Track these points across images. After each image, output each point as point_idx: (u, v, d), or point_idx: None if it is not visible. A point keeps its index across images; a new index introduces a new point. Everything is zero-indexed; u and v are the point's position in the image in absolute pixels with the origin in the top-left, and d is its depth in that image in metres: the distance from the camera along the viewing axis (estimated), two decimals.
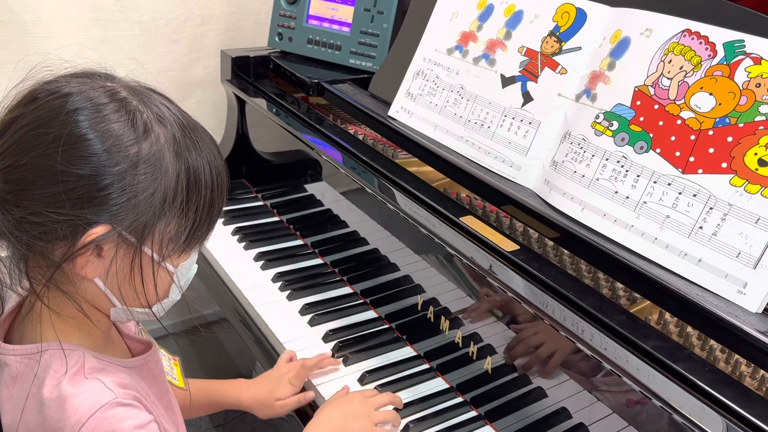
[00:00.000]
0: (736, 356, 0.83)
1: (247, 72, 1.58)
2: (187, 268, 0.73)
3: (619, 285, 0.96)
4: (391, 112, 1.28)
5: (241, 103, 1.58)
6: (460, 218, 1.03)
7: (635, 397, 0.81)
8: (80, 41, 1.56)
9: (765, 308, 0.79)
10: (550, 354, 0.91)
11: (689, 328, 0.88)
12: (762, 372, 0.81)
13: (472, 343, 1.04)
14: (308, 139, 1.32)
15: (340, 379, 1.09)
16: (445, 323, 1.09)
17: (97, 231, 0.63)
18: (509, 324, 0.97)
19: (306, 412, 1.06)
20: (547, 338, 0.92)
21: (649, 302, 0.92)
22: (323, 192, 1.41)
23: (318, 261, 1.38)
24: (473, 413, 1.04)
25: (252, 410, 1.04)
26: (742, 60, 0.81)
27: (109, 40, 1.60)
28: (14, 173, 0.63)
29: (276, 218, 1.52)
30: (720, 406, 0.72)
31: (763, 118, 0.79)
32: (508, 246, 0.97)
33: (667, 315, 0.90)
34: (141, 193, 0.64)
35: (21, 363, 0.68)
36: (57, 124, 0.62)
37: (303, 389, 1.07)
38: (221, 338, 1.44)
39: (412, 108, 1.25)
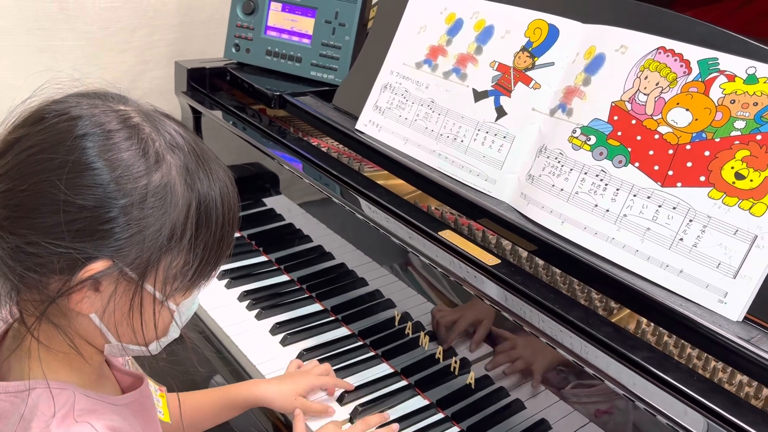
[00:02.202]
0: (713, 363, 0.86)
1: (202, 84, 1.53)
2: (188, 306, 0.69)
3: (595, 296, 0.97)
4: (359, 126, 1.27)
5: (197, 116, 1.53)
6: (439, 232, 1.03)
7: (620, 404, 0.83)
8: (21, 51, 1.48)
9: (745, 317, 0.82)
10: (537, 366, 0.92)
11: (666, 337, 0.90)
12: (739, 377, 0.84)
13: (454, 358, 1.03)
14: (277, 154, 1.29)
15: (318, 398, 1.06)
16: (424, 338, 1.08)
17: (97, 267, 0.59)
18: (492, 338, 0.98)
19: None
20: (532, 351, 0.92)
21: (626, 312, 0.94)
22: (283, 206, 1.39)
23: (284, 278, 1.35)
24: (456, 429, 1.03)
25: (271, 402, 1.01)
26: (716, 77, 0.84)
27: (52, 50, 1.52)
28: (13, 198, 0.58)
29: (236, 234, 1.48)
30: (711, 413, 0.74)
31: (739, 133, 0.82)
32: (489, 260, 0.97)
33: (644, 324, 0.92)
34: (147, 228, 0.59)
35: (6, 401, 0.63)
36: (63, 149, 0.58)
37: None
38: (177, 353, 1.38)
39: (381, 122, 1.24)
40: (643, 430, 0.82)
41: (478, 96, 1.10)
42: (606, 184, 0.92)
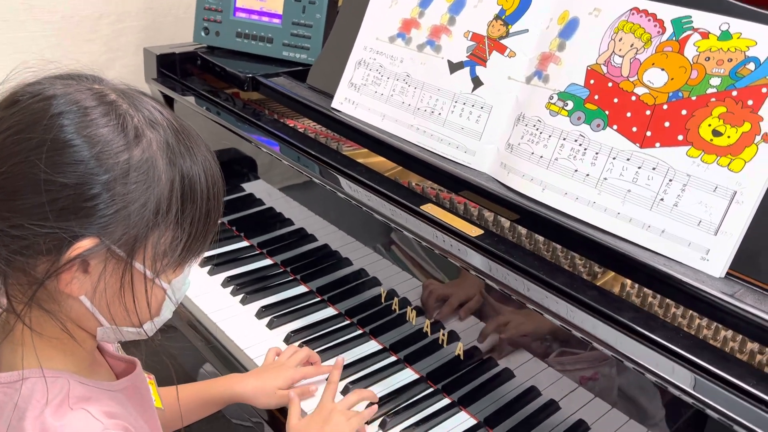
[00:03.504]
0: (698, 321, 0.87)
1: (173, 70, 1.50)
2: (180, 284, 0.68)
3: (579, 261, 0.98)
4: (335, 104, 1.26)
5: (169, 103, 1.51)
6: (421, 207, 1.02)
7: (605, 371, 0.84)
8: None
9: (727, 272, 0.82)
10: (525, 334, 0.92)
11: (651, 298, 0.91)
12: (723, 333, 0.85)
13: (441, 330, 1.03)
14: (253, 137, 1.28)
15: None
16: (411, 313, 1.08)
17: (84, 245, 0.58)
18: (479, 308, 0.98)
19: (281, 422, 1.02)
20: (519, 319, 0.93)
21: (610, 276, 0.94)
22: (263, 190, 1.37)
23: (268, 261, 1.34)
24: (447, 401, 1.04)
25: (251, 399, 1.00)
26: (690, 35, 0.84)
27: (15, 43, 1.49)
28: None
29: (214, 231, 1.46)
30: (698, 368, 0.75)
31: (714, 90, 0.82)
32: (472, 231, 0.97)
33: (629, 287, 0.93)
34: (132, 203, 0.59)
35: (0, 392, 0.62)
36: (40, 128, 0.57)
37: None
38: (166, 344, 1.37)
39: (357, 98, 1.22)
40: (629, 394, 0.83)
41: (454, 67, 1.09)
42: (585, 149, 0.92)
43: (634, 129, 0.87)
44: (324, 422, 0.92)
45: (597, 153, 0.90)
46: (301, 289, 1.27)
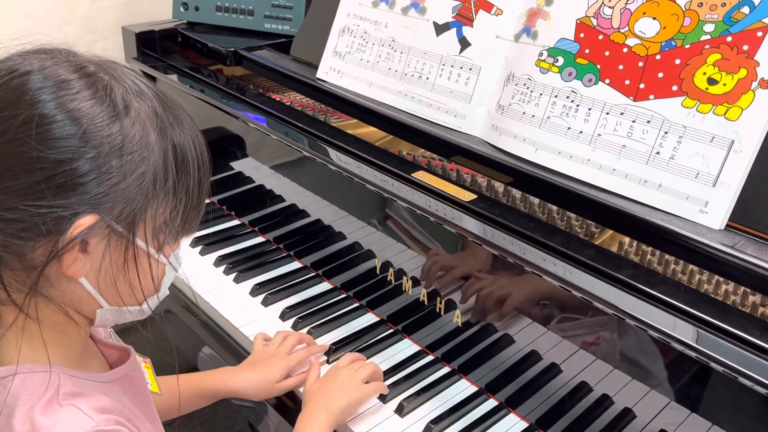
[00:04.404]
0: (698, 276, 0.85)
1: (153, 48, 1.47)
2: (177, 257, 0.67)
3: (575, 222, 0.96)
4: (320, 74, 1.23)
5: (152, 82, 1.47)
6: (412, 174, 1.00)
7: (606, 335, 0.82)
8: None
9: (727, 224, 0.81)
10: (523, 298, 0.91)
11: (650, 255, 0.89)
12: (724, 287, 0.83)
13: (438, 299, 1.02)
14: (239, 113, 1.25)
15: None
16: (407, 284, 1.06)
17: (85, 222, 0.56)
18: (476, 274, 0.96)
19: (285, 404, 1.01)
20: (516, 283, 0.91)
21: (607, 235, 0.92)
22: (252, 168, 1.35)
23: (260, 239, 1.32)
24: (447, 369, 1.02)
25: (247, 394, 0.97)
26: None
27: None
28: None
29: (206, 200, 1.44)
30: (700, 322, 0.73)
31: (708, 36, 0.80)
32: (465, 196, 0.95)
33: (627, 245, 0.91)
34: (129, 175, 0.57)
35: None
36: (25, 104, 0.54)
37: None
38: (163, 330, 1.36)
39: (342, 67, 1.19)
40: (630, 357, 0.82)
41: (440, 29, 1.06)
42: (577, 105, 0.89)
43: (627, 82, 0.85)
44: (327, 380, 0.93)
45: (590, 109, 0.88)
46: (295, 265, 1.25)
